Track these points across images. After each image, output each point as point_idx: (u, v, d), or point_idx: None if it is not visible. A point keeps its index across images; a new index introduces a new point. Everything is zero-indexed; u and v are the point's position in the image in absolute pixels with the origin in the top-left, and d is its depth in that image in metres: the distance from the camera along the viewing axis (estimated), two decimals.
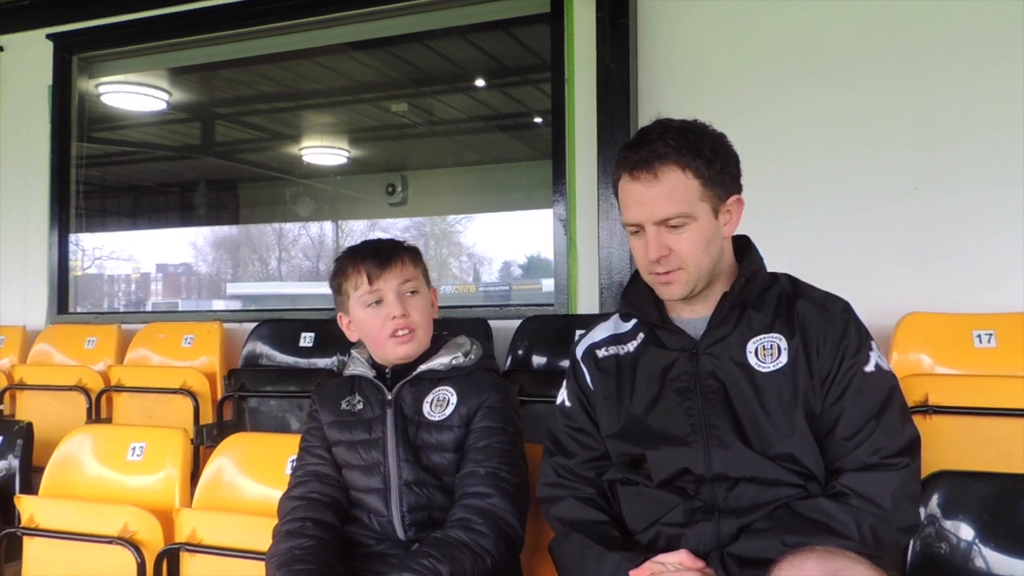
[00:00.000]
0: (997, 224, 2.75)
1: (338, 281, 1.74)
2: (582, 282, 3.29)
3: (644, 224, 1.45)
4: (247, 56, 4.43)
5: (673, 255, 1.44)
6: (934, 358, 2.52)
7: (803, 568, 1.09)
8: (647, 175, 1.43)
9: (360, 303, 1.71)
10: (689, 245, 1.44)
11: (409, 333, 1.68)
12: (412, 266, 1.72)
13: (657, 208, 1.43)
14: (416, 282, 1.72)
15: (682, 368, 1.47)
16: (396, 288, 1.69)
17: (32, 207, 4.36)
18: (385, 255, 1.70)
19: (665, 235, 1.44)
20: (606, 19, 3.14)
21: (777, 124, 3.01)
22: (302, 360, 3.35)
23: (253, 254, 9.59)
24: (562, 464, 1.58)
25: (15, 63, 4.45)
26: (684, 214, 1.43)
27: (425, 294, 1.74)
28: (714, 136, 1.48)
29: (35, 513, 2.03)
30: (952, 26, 2.84)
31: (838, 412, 1.40)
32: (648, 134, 1.47)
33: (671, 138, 1.44)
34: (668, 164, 1.43)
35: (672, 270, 1.45)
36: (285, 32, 4.08)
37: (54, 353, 3.83)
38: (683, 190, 1.43)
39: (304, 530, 1.61)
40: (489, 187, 6.62)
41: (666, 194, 1.42)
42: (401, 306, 1.67)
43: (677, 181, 1.43)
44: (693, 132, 1.46)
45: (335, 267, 1.77)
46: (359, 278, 1.69)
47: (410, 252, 1.75)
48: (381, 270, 1.68)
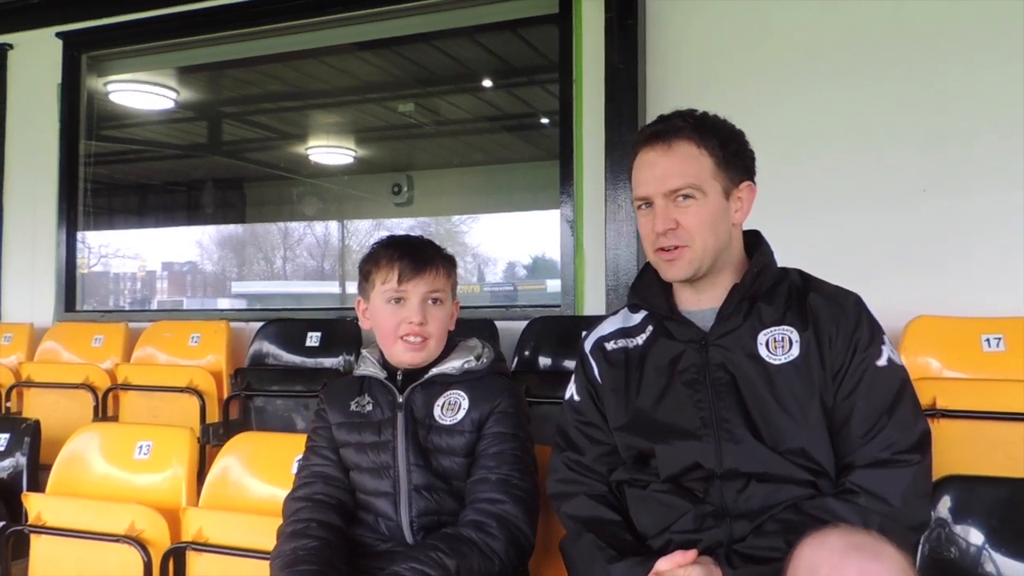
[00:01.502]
0: (1006, 227, 2.74)
1: (368, 267, 1.72)
2: (589, 283, 3.29)
3: (653, 197, 1.47)
4: (254, 55, 4.45)
5: (680, 229, 1.45)
6: (942, 362, 2.51)
7: (826, 542, 1.10)
8: (662, 145, 1.47)
9: (382, 296, 1.69)
10: (696, 220, 1.45)
11: (421, 341, 1.67)
12: (444, 277, 1.71)
13: (668, 179, 1.45)
14: (442, 293, 1.70)
15: (691, 360, 1.47)
16: (422, 294, 1.67)
17: (40, 205, 4.38)
18: (422, 259, 1.68)
19: (672, 208, 1.46)
20: (614, 20, 3.14)
21: (785, 125, 3.01)
22: (308, 360, 3.35)
23: (258, 253, 9.60)
24: (573, 459, 1.57)
25: (25, 61, 4.47)
26: (693, 185, 1.44)
27: (448, 306, 1.72)
28: (731, 127, 1.52)
29: (42, 511, 2.03)
30: (961, 28, 2.83)
31: (850, 406, 1.39)
32: (668, 115, 1.52)
33: (690, 117, 1.49)
34: (682, 137, 1.46)
35: (678, 246, 1.46)
36: (292, 32, 4.09)
37: (61, 351, 3.84)
38: (695, 163, 1.46)
39: (308, 531, 1.61)
40: (495, 187, 6.61)
41: (678, 165, 1.45)
42: (421, 313, 1.66)
43: (690, 154, 1.46)
44: (712, 119, 1.51)
45: (370, 251, 1.75)
46: (390, 272, 1.67)
47: (446, 262, 1.73)
48: (413, 273, 1.66)
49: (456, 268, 1.77)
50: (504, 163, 6.53)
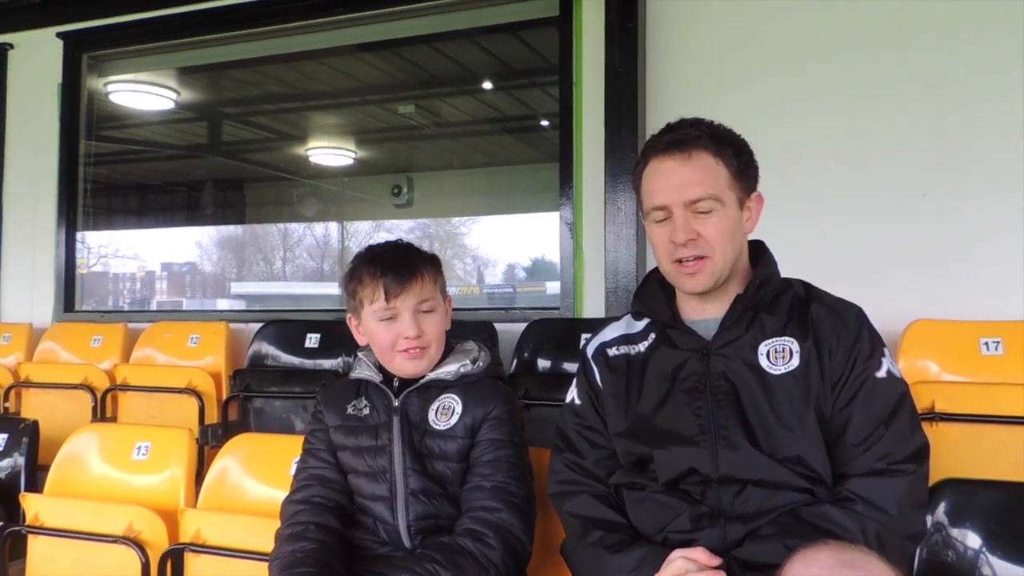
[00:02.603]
0: (1005, 231, 2.74)
1: (353, 287, 1.70)
2: (588, 285, 3.29)
3: (672, 206, 1.46)
4: (255, 56, 4.45)
5: (701, 240, 1.45)
6: (941, 365, 2.52)
7: (816, 559, 1.10)
8: (681, 154, 1.46)
9: (373, 316, 1.67)
10: (717, 231, 1.45)
11: (421, 351, 1.66)
12: (431, 283, 1.68)
13: (689, 188, 1.45)
14: (433, 300, 1.68)
15: (693, 368, 1.47)
16: (413, 307, 1.65)
17: (40, 205, 4.37)
18: (406, 271, 1.65)
19: (692, 219, 1.45)
20: (614, 23, 3.14)
21: (785, 128, 3.01)
22: (307, 361, 3.35)
23: (258, 254, 9.61)
24: (574, 461, 1.57)
25: (25, 61, 4.47)
26: (714, 196, 1.44)
27: (441, 309, 1.70)
28: (740, 137, 1.53)
29: (40, 511, 2.03)
30: (962, 31, 2.84)
31: (847, 416, 1.40)
32: (679, 123, 1.51)
33: (704, 127, 1.49)
34: (701, 148, 1.46)
35: (699, 257, 1.45)
36: (293, 33, 4.09)
37: (60, 351, 3.84)
38: (714, 174, 1.46)
39: (307, 533, 1.60)
40: (494, 189, 6.62)
41: (698, 175, 1.45)
42: (415, 326, 1.64)
43: (709, 164, 1.46)
44: (722, 127, 1.51)
45: (350, 270, 1.72)
46: (376, 291, 1.65)
47: (430, 266, 1.70)
48: (400, 288, 1.64)
49: (441, 267, 1.74)
50: (504, 165, 6.54)
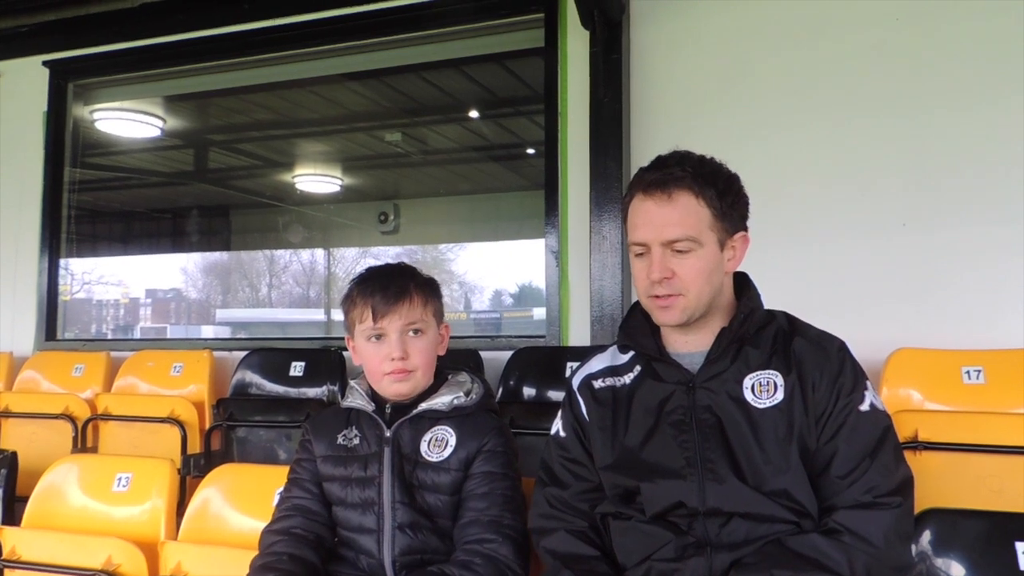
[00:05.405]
0: (986, 260, 2.77)
1: (347, 307, 1.73)
2: (574, 314, 3.30)
3: (651, 244, 1.47)
4: (242, 85, 4.46)
5: (675, 279, 1.46)
6: (924, 394, 2.53)
7: None
8: (661, 195, 1.46)
9: (362, 335, 1.69)
10: (692, 271, 1.46)
11: (406, 373, 1.66)
12: (421, 306, 1.68)
13: (667, 229, 1.46)
14: (422, 323, 1.68)
15: (678, 401, 1.48)
16: (400, 328, 1.66)
17: (23, 233, 4.34)
18: (396, 292, 1.67)
19: (670, 258, 1.46)
20: (599, 54, 3.18)
21: (768, 158, 3.04)
22: (292, 390, 3.32)
23: (243, 280, 9.57)
24: (555, 495, 1.58)
25: (11, 89, 4.46)
26: (692, 238, 1.45)
27: (431, 333, 1.70)
28: (728, 174, 1.53)
29: (17, 545, 2.00)
30: (943, 62, 2.88)
31: (832, 450, 1.41)
32: (667, 160, 1.51)
33: (689, 165, 1.48)
34: (683, 188, 1.46)
35: (672, 294, 1.46)
36: (281, 62, 4.11)
37: (41, 380, 3.79)
38: (694, 215, 1.46)
39: (278, 563, 1.58)
40: (481, 216, 6.64)
41: (677, 216, 1.45)
42: (401, 348, 1.65)
43: (689, 205, 1.46)
44: (710, 165, 1.51)
45: (347, 292, 1.75)
46: (365, 310, 1.67)
47: (422, 289, 1.71)
48: (387, 308, 1.65)
49: (438, 292, 1.75)
50: (490, 192, 6.57)
